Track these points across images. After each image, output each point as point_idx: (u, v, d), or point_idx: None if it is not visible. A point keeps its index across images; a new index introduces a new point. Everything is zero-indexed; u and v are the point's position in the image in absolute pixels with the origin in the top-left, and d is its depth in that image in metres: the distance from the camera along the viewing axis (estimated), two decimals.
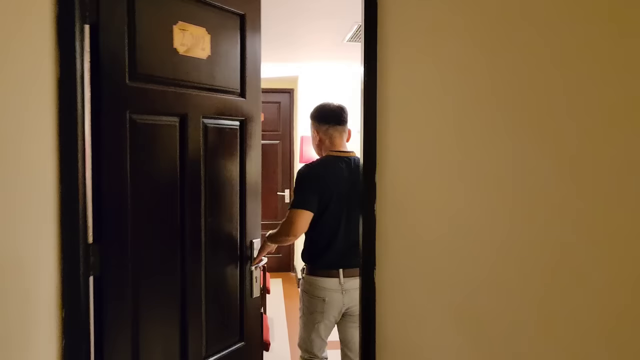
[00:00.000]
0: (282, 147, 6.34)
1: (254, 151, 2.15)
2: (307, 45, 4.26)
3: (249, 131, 2.11)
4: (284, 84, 6.21)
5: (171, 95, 1.78)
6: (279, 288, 5.74)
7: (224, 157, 2.02)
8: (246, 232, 2.13)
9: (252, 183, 2.16)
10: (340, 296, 2.37)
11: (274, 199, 6.34)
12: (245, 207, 2.11)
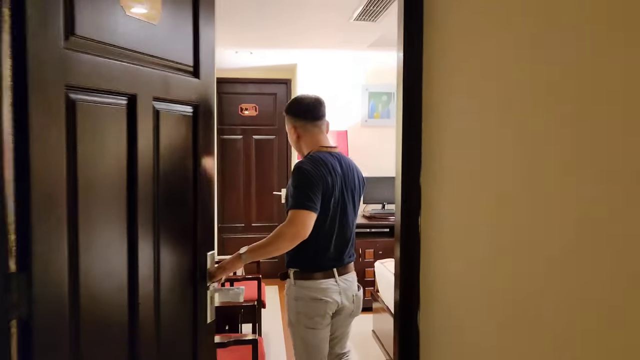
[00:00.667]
0: (279, 143, 5.89)
1: (210, 145, 1.78)
2: (307, 28, 3.79)
3: (204, 120, 1.73)
4: (280, 74, 5.75)
5: (119, 68, 1.38)
6: (274, 297, 5.30)
7: (177, 151, 1.64)
8: (200, 243, 1.77)
9: (207, 186, 1.79)
10: (338, 296, 2.30)
11: (270, 199, 5.89)
12: (198, 214, 1.74)
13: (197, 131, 1.69)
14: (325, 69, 5.17)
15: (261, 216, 5.91)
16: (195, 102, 1.68)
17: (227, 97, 5.77)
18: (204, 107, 1.72)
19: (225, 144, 5.78)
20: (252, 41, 4.22)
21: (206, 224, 1.79)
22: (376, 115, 5.24)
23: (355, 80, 5.22)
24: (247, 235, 5.87)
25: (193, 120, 1.68)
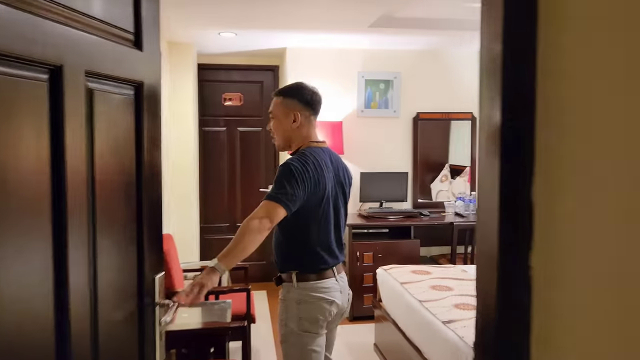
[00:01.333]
0: (266, 136, 5.43)
1: (157, 138, 1.41)
2: (299, 5, 3.34)
3: (149, 105, 1.35)
4: (268, 60, 5.31)
5: (40, 28, 0.96)
6: (263, 305, 4.87)
7: (117, 147, 1.26)
8: (147, 264, 1.40)
9: (154, 191, 1.43)
10: (339, 295, 2.23)
11: (256, 197, 5.43)
12: (144, 227, 1.37)
13: (141, 120, 1.30)
14: (318, 54, 4.74)
15: (246, 215, 5.44)
16: (138, 81, 1.29)
17: (209, 85, 5.31)
18: (149, 88, 1.33)
19: (207, 137, 5.31)
20: (237, 20, 3.77)
21: (153, 237, 1.42)
22: (373, 104, 4.82)
23: (350, 67, 4.79)
24: (232, 236, 5.40)
25: (136, 105, 1.29)
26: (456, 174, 5.12)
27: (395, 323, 3.28)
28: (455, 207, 4.82)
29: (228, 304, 3.03)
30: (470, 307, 2.71)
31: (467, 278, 3.29)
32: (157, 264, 1.47)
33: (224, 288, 3.30)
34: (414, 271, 3.47)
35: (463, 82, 4.98)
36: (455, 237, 4.31)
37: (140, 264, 1.37)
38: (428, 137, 4.97)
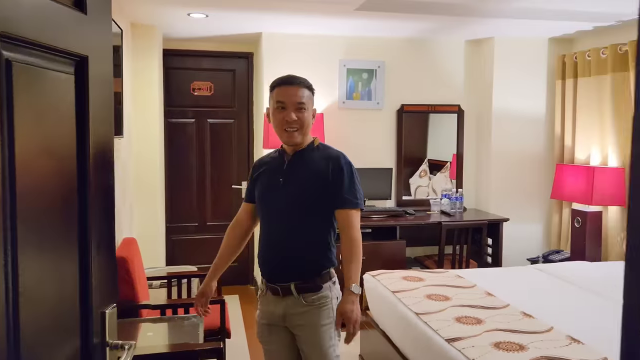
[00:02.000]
0: (238, 128, 5.09)
1: (108, 132, 1.10)
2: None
3: (97, 87, 1.02)
4: (241, 46, 4.94)
5: None
6: (236, 312, 4.52)
7: (50, 143, 0.93)
8: (94, 292, 1.08)
9: (105, 201, 1.13)
10: None
11: (227, 194, 5.10)
12: (91, 246, 1.05)
13: (86, 106, 0.96)
14: (296, 40, 4.39)
15: (218, 214, 5.10)
16: (80, 55, 0.95)
17: (176, 73, 4.89)
18: (96, 64, 0.99)
19: (174, 129, 4.91)
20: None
21: (103, 255, 1.11)
22: (355, 95, 4.51)
23: (331, 54, 4.46)
24: (202, 236, 5.07)
25: (77, 86, 0.95)
26: (436, 169, 4.87)
27: (384, 333, 2.99)
28: (441, 205, 4.56)
29: (200, 318, 2.67)
30: (474, 321, 2.44)
31: (464, 285, 3.02)
32: (109, 293, 1.15)
33: (194, 300, 2.94)
34: (405, 277, 3.18)
35: (450, 73, 4.71)
36: (443, 238, 4.05)
37: (84, 292, 1.04)
38: (411, 130, 4.69)
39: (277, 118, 2.01)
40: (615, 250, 3.96)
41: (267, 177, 2.10)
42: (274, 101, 2.02)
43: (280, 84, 2.02)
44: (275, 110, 2.01)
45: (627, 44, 3.72)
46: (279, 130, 2.02)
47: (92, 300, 1.06)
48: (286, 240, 2.02)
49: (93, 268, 1.05)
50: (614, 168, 3.81)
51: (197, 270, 3.75)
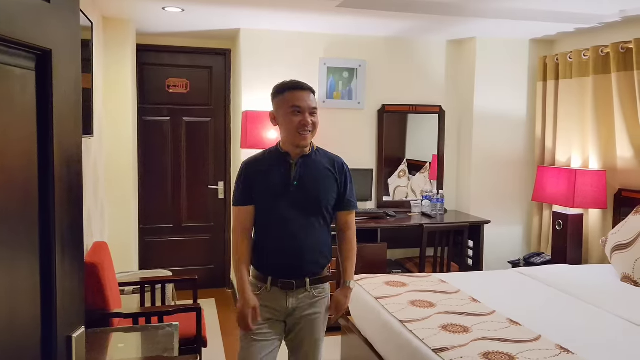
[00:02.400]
0: (215, 127, 4.95)
1: (76, 135, 0.98)
2: None
3: (62, 85, 0.91)
4: (219, 42, 4.81)
5: None
6: (212, 316, 4.39)
7: (5, 149, 0.81)
8: (58, 314, 0.94)
9: (72, 212, 1.00)
10: None
11: (203, 195, 4.97)
12: (54, 265, 0.92)
13: (49, 104, 0.85)
14: (275, 37, 4.28)
15: (194, 215, 4.96)
16: (43, 48, 0.84)
17: (150, 70, 4.73)
18: (61, 58, 0.88)
19: (148, 128, 4.75)
20: None
21: (70, 273, 0.98)
22: (336, 94, 4.42)
23: (311, 53, 4.36)
24: (177, 238, 4.93)
25: (39, 83, 0.84)
26: (415, 169, 4.81)
27: (366, 339, 2.91)
28: (422, 206, 4.51)
29: (175, 327, 2.54)
30: (460, 330, 2.37)
31: (448, 290, 2.96)
32: (76, 312, 1.01)
33: (169, 308, 2.81)
34: (388, 282, 3.10)
35: (431, 73, 4.66)
36: (425, 241, 3.98)
37: (47, 313, 0.91)
38: (391, 130, 4.62)
39: (292, 121, 2.07)
40: (596, 253, 3.96)
41: (271, 178, 2.14)
42: (287, 105, 2.08)
43: (292, 89, 2.10)
44: (290, 114, 2.07)
45: (609, 46, 3.71)
46: (293, 133, 2.08)
47: (56, 322, 0.94)
48: (303, 239, 2.12)
49: (57, 284, 0.94)
50: (595, 171, 3.80)
51: (172, 275, 3.61)
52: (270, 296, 2.14)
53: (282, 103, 2.10)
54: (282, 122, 2.12)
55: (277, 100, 2.13)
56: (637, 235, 3.20)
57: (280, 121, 2.12)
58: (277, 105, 2.13)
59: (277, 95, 2.13)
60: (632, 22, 3.73)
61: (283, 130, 2.13)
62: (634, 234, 3.23)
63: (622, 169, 3.75)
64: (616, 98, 3.68)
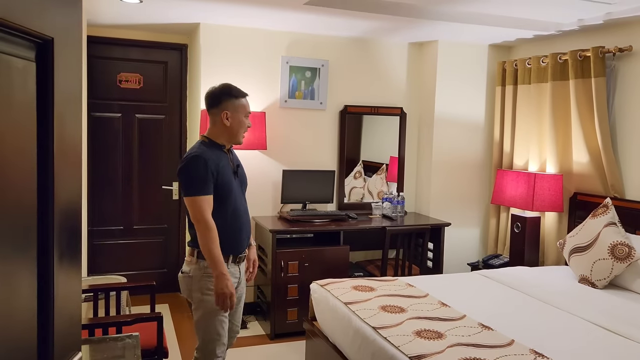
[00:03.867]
0: (170, 125, 4.77)
1: (75, 135, 0.88)
2: None
3: (64, 76, 0.81)
4: (175, 37, 4.63)
5: None
6: (167, 322, 4.19)
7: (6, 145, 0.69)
8: (55, 340, 0.84)
9: (71, 220, 0.90)
10: None
11: (156, 195, 4.77)
12: (54, 277, 0.83)
13: (49, 103, 0.75)
14: (236, 34, 4.15)
15: (146, 217, 4.75)
16: (44, 36, 0.74)
17: (101, 63, 4.49)
18: (63, 48, 0.77)
19: (97, 124, 4.51)
20: None
21: (68, 291, 0.89)
22: (298, 94, 4.34)
23: (273, 50, 4.26)
24: (128, 241, 4.70)
25: (39, 75, 0.74)
26: (371, 170, 4.80)
27: (334, 346, 2.86)
28: (383, 208, 4.50)
29: (136, 338, 2.39)
30: (435, 335, 2.36)
31: (417, 295, 2.95)
32: (73, 336, 0.91)
33: (128, 317, 2.64)
34: (356, 287, 3.06)
35: (393, 75, 4.67)
36: (387, 244, 3.97)
37: (43, 338, 0.80)
38: (349, 131, 4.59)
39: (243, 124, 2.47)
40: (552, 255, 4.07)
41: (226, 169, 2.44)
42: (245, 111, 2.47)
43: (244, 96, 2.50)
44: (244, 118, 2.47)
45: (567, 53, 3.82)
46: (241, 132, 2.48)
47: (52, 348, 0.83)
48: (247, 217, 2.58)
49: (56, 304, 0.82)
50: (553, 175, 3.91)
51: (127, 282, 3.42)
52: (230, 272, 2.44)
53: (240, 107, 2.45)
54: (235, 123, 2.44)
55: (234, 103, 2.45)
56: (595, 239, 3.31)
57: (233, 122, 2.44)
58: (233, 107, 2.44)
59: (234, 99, 2.45)
60: (589, 31, 3.86)
61: (230, 129, 2.45)
62: (591, 237, 3.34)
63: (577, 173, 3.88)
64: (573, 104, 3.80)
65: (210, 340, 2.46)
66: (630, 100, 3.62)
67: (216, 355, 2.49)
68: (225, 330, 2.51)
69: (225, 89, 2.47)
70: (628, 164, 3.64)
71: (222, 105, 2.43)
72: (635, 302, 2.96)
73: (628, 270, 3.15)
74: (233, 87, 2.49)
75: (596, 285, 3.22)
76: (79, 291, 1.02)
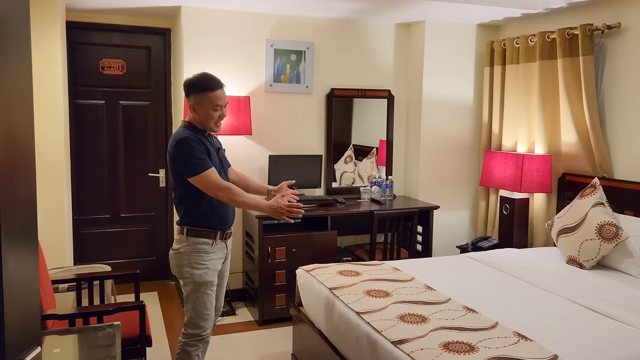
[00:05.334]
0: (155, 111, 4.70)
1: (23, 120, 0.84)
2: None
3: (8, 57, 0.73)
4: (158, 21, 4.54)
5: None
6: (156, 311, 4.19)
7: None
8: (6, 333, 0.79)
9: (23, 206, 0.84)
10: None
11: (143, 183, 4.72)
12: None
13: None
14: (219, 16, 4.07)
15: (133, 204, 4.71)
16: None
17: (82, 49, 4.41)
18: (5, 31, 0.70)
19: (81, 111, 4.44)
20: None
21: (24, 282, 0.86)
22: (283, 78, 4.28)
23: (257, 33, 4.19)
24: (115, 229, 4.67)
25: None
26: (361, 154, 4.76)
27: (320, 331, 2.84)
28: (371, 192, 4.46)
29: (116, 327, 2.35)
30: (418, 320, 2.33)
31: (402, 278, 2.92)
32: (31, 329, 0.89)
33: (109, 307, 2.61)
34: (341, 272, 3.03)
35: (380, 57, 4.60)
36: (375, 228, 3.95)
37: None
38: (339, 115, 4.53)
39: (213, 116, 2.52)
40: (540, 236, 4.05)
41: (210, 150, 2.54)
42: (212, 104, 2.49)
43: (216, 88, 2.51)
44: (211, 109, 2.50)
45: (556, 31, 3.76)
46: (211, 123, 2.54)
47: (5, 342, 0.79)
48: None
49: (7, 294, 0.78)
50: (541, 155, 3.87)
51: (111, 271, 3.39)
52: (218, 247, 2.59)
53: (205, 101, 2.49)
54: (202, 114, 2.51)
55: (200, 96, 2.49)
56: (583, 219, 3.28)
57: (201, 113, 2.51)
58: (199, 100, 2.50)
59: (200, 93, 2.49)
60: (577, 8, 3.80)
61: (200, 119, 2.53)
62: (579, 217, 3.31)
63: (566, 153, 3.84)
64: (562, 84, 3.75)
65: (199, 314, 2.58)
66: (618, 79, 3.57)
67: (204, 329, 2.60)
68: (212, 305, 2.63)
69: (195, 81, 2.53)
70: (616, 144, 3.61)
71: (190, 97, 2.53)
72: (622, 282, 2.95)
73: (615, 250, 3.13)
74: (203, 79, 2.53)
75: (584, 265, 3.20)
76: (36, 280, 0.98)
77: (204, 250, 2.55)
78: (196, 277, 2.55)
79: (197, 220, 2.55)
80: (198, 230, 2.54)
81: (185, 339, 2.62)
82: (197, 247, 2.54)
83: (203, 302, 2.58)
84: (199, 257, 2.54)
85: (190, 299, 2.58)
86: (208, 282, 2.57)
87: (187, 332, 2.62)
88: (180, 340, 2.65)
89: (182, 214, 2.58)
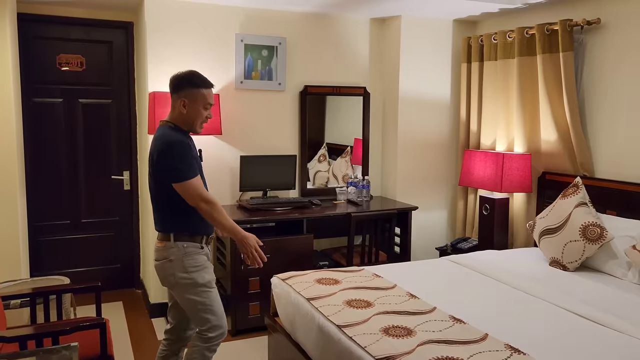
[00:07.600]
0: (117, 110, 4.45)
1: None
2: None
3: None
4: (120, 14, 4.29)
5: None
6: (121, 322, 3.95)
7: None
8: None
9: None
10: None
11: (106, 186, 4.47)
12: None
13: None
14: (185, 9, 3.86)
15: (95, 209, 4.45)
16: None
17: (38, 43, 4.13)
18: None
19: (36, 110, 4.16)
20: None
21: None
22: (255, 74, 4.09)
23: (226, 27, 3.98)
24: (75, 236, 4.40)
25: None
26: (335, 153, 4.61)
27: (297, 344, 2.67)
28: (348, 193, 4.31)
29: (74, 349, 2.14)
30: (404, 332, 2.19)
31: (384, 286, 2.78)
32: None
33: (65, 325, 2.38)
34: (319, 280, 2.87)
35: (354, 53, 4.45)
36: (352, 231, 3.80)
37: None
38: (311, 113, 4.36)
39: (201, 114, 2.44)
40: (521, 237, 3.97)
41: (196, 154, 2.47)
42: (204, 101, 2.43)
43: (207, 87, 2.44)
44: (202, 108, 2.44)
45: (535, 27, 3.67)
46: (198, 123, 2.46)
47: None
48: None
49: None
50: (521, 154, 3.78)
51: (70, 284, 3.14)
52: (204, 252, 2.50)
53: (199, 97, 2.41)
54: (192, 112, 2.42)
55: (193, 92, 2.40)
56: (566, 220, 3.20)
57: (192, 111, 2.41)
58: (192, 96, 2.40)
59: (194, 88, 2.41)
60: (556, 3, 3.71)
61: (186, 117, 2.42)
62: (562, 218, 3.23)
63: (546, 152, 3.76)
64: (541, 80, 3.66)
65: (216, 313, 2.48)
66: (598, 75, 3.50)
67: (224, 326, 2.53)
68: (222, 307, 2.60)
69: (187, 76, 2.44)
70: (597, 142, 3.54)
71: (181, 93, 2.42)
72: (606, 285, 2.87)
73: (600, 251, 3.06)
74: (197, 76, 2.45)
75: (567, 267, 3.12)
76: None
77: (196, 252, 2.46)
78: (198, 279, 2.44)
79: (187, 225, 2.44)
80: (186, 234, 2.44)
81: (206, 344, 2.47)
82: (189, 250, 2.44)
83: (216, 300, 2.50)
84: (193, 260, 2.44)
85: (199, 305, 2.45)
86: (210, 280, 2.49)
87: (207, 337, 2.48)
88: (195, 348, 2.48)
89: (166, 221, 2.45)
